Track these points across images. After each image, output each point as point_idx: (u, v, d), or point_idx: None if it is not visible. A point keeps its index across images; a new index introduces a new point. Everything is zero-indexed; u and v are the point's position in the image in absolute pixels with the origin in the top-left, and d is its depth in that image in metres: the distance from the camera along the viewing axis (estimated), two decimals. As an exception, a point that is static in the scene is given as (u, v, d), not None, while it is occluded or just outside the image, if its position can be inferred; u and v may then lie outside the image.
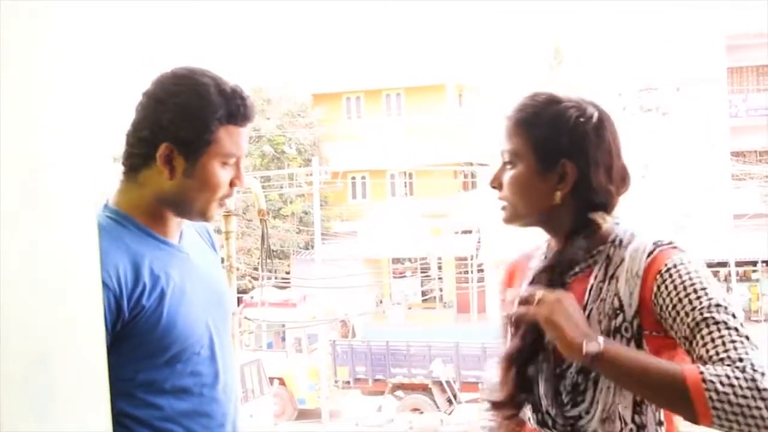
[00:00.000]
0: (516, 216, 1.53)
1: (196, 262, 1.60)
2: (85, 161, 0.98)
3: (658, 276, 1.39)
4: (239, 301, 15.87)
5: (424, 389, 16.80)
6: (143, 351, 1.45)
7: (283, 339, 17.72)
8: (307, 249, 24.77)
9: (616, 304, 1.42)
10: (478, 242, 24.30)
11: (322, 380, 17.11)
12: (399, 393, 17.16)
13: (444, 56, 27.35)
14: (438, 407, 16.33)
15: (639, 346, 1.40)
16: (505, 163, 1.53)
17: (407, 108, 27.81)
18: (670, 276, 1.37)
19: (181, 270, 1.54)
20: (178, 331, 1.48)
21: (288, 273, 25.22)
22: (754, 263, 22.66)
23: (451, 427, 14.09)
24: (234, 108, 1.50)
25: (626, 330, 1.41)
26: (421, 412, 16.20)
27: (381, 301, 25.95)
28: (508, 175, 1.52)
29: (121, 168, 1.55)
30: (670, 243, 1.43)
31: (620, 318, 1.42)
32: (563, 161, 1.47)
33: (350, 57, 28.17)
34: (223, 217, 6.28)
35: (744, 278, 23.19)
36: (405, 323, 23.56)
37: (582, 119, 1.48)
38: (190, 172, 1.49)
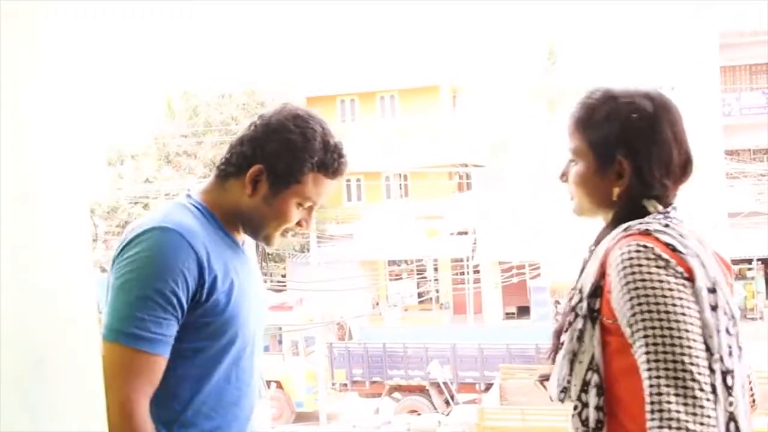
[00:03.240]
0: (581, 209, 1.59)
1: (251, 267, 1.77)
2: (80, 163, 0.98)
3: (606, 262, 1.41)
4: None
5: (422, 391, 16.79)
6: (208, 331, 1.59)
7: (280, 342, 17.68)
8: (303, 252, 24.74)
9: (580, 284, 1.46)
10: (474, 243, 24.30)
11: (320, 383, 17.08)
12: (396, 395, 17.16)
13: (438, 58, 27.38)
14: (435, 408, 16.32)
15: (593, 327, 1.42)
16: (570, 160, 1.58)
17: (401, 110, 27.82)
18: (614, 264, 1.37)
19: (244, 271, 1.69)
20: (238, 321, 1.63)
21: (284, 276, 25.21)
22: (749, 261, 22.73)
23: (449, 428, 14.07)
24: (329, 160, 1.65)
25: (580, 309, 1.44)
26: (419, 414, 16.18)
27: (377, 303, 25.94)
28: (572, 172, 1.57)
29: (215, 170, 1.72)
30: (640, 228, 1.41)
31: (576, 298, 1.45)
32: (619, 158, 1.49)
33: (344, 59, 28.19)
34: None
35: (739, 276, 23.26)
36: (401, 325, 23.52)
37: (635, 115, 1.48)
38: (269, 200, 1.65)
